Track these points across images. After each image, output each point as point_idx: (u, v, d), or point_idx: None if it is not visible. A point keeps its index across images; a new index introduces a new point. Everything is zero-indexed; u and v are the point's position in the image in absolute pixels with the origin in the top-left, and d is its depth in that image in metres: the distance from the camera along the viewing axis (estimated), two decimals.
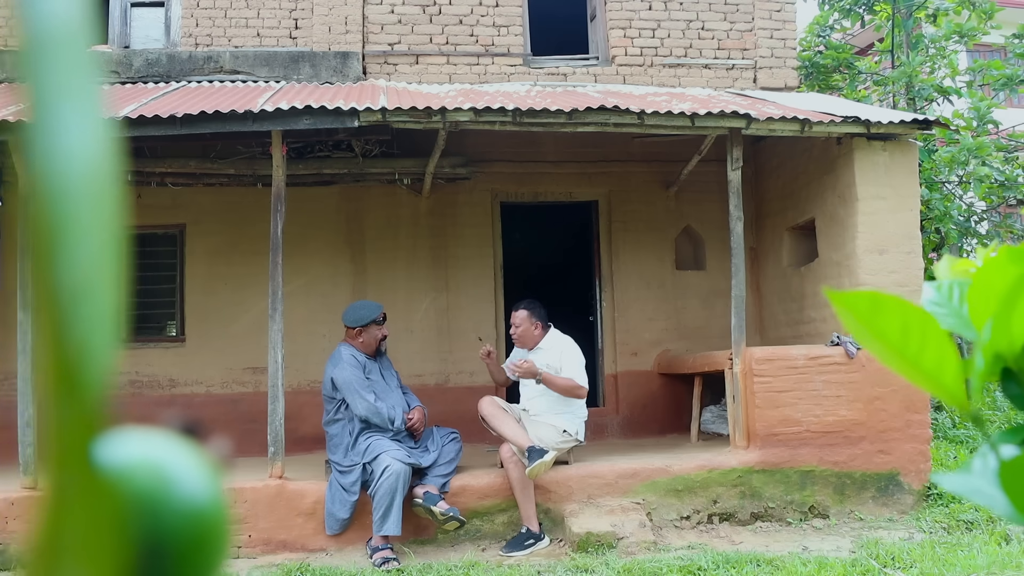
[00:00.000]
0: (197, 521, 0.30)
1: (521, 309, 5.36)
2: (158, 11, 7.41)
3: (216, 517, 0.31)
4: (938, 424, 7.17)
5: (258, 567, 4.73)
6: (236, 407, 6.84)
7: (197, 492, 0.30)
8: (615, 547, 4.78)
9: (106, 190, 0.27)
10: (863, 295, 0.48)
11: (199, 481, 0.31)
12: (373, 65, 7.38)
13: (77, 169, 0.26)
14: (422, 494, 4.86)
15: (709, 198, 7.43)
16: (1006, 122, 10.10)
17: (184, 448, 0.32)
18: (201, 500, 0.30)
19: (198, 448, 0.32)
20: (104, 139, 0.27)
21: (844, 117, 5.63)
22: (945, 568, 4.13)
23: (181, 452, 0.31)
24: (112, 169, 0.27)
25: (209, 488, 0.31)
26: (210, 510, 0.30)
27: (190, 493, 0.30)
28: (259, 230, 6.40)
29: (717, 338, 7.16)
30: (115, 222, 0.27)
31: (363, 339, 5.19)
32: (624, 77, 7.61)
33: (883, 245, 5.80)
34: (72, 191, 0.26)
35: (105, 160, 0.27)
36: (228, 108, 5.15)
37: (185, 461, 0.31)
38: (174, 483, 0.30)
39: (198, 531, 0.30)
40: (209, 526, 0.30)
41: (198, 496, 0.30)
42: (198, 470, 0.31)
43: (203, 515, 0.30)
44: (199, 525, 0.30)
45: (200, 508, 0.30)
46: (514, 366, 5.05)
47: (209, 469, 0.32)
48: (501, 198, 7.48)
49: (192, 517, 0.30)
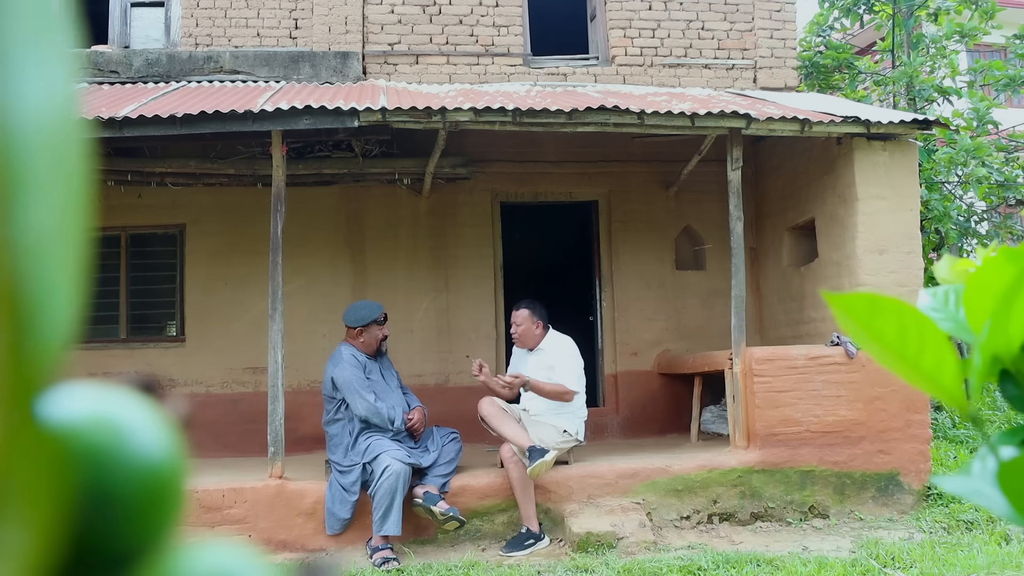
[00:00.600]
0: (150, 477, 0.29)
1: (522, 308, 5.36)
2: (158, 11, 7.41)
3: (170, 475, 0.30)
4: (938, 424, 7.17)
5: None
6: (236, 407, 6.84)
7: (150, 448, 0.30)
8: (615, 547, 4.78)
9: (69, 142, 0.26)
10: (860, 297, 0.48)
11: (153, 437, 0.30)
12: (373, 65, 7.38)
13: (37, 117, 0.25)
14: (422, 494, 4.86)
15: (709, 198, 7.43)
16: (1007, 122, 10.10)
17: (140, 404, 0.31)
18: (155, 456, 0.30)
19: (155, 406, 0.32)
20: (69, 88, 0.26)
21: (844, 117, 5.63)
22: (945, 568, 4.13)
23: (136, 408, 0.31)
24: (76, 121, 0.27)
25: (163, 445, 0.30)
26: (164, 467, 0.30)
27: (143, 449, 0.30)
28: (259, 230, 6.41)
29: (717, 338, 7.16)
30: (78, 176, 0.26)
31: (364, 339, 5.19)
32: (624, 77, 7.61)
33: (883, 245, 5.80)
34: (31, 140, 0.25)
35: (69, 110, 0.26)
36: (228, 108, 5.15)
37: (140, 417, 0.30)
38: (127, 438, 0.29)
39: (150, 487, 0.29)
40: (162, 483, 0.30)
41: (151, 452, 0.30)
42: (153, 427, 0.30)
43: (156, 472, 0.30)
44: (152, 481, 0.29)
45: (153, 465, 0.30)
46: (503, 381, 5.04)
47: (165, 426, 0.31)
48: (501, 198, 7.49)
49: (144, 473, 0.29)
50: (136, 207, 6.97)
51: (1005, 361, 0.52)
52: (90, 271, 0.27)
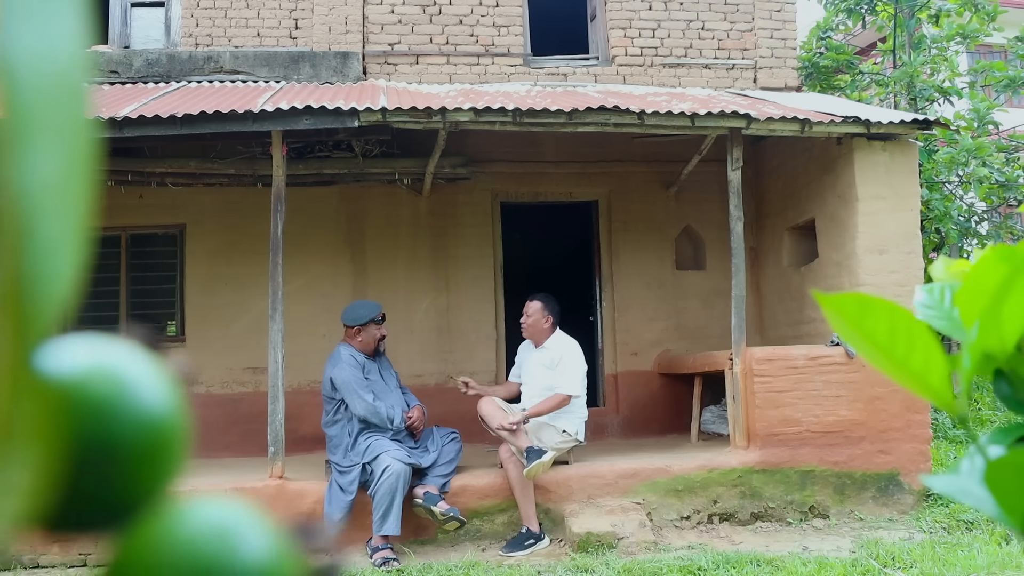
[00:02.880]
0: (150, 429, 0.29)
1: (536, 300, 5.35)
2: (158, 11, 7.41)
3: (170, 428, 0.30)
4: (938, 424, 7.17)
5: None
6: (236, 407, 6.84)
7: (151, 401, 0.30)
8: (615, 547, 4.78)
9: (75, 91, 0.26)
10: (851, 297, 0.48)
11: (156, 390, 0.30)
12: (373, 65, 7.38)
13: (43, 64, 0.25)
14: (422, 494, 4.86)
15: (709, 198, 7.43)
16: (1008, 123, 10.09)
17: (143, 358, 0.31)
18: (155, 409, 0.30)
19: (158, 360, 0.32)
20: (76, 36, 0.26)
21: (844, 117, 5.63)
22: (945, 568, 4.13)
23: (139, 361, 0.31)
24: (83, 70, 0.27)
25: (165, 398, 0.30)
26: (164, 420, 0.30)
27: (144, 401, 0.30)
28: (259, 230, 6.41)
29: (717, 338, 7.16)
30: (84, 125, 0.26)
31: (361, 338, 5.19)
32: (624, 77, 7.61)
33: (883, 245, 5.80)
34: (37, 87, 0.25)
35: (75, 59, 0.26)
36: (228, 108, 5.15)
37: (143, 370, 0.31)
38: (128, 390, 0.30)
39: (151, 440, 0.29)
40: (163, 436, 0.30)
41: (152, 405, 0.30)
42: (155, 380, 0.31)
43: (157, 424, 0.30)
44: (152, 434, 0.30)
45: (154, 417, 0.30)
46: (501, 427, 4.99)
47: (168, 380, 0.31)
48: (501, 198, 7.49)
49: (145, 425, 0.29)
50: (136, 207, 6.97)
51: (999, 360, 0.52)
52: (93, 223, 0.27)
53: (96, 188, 0.27)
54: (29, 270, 0.24)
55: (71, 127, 0.26)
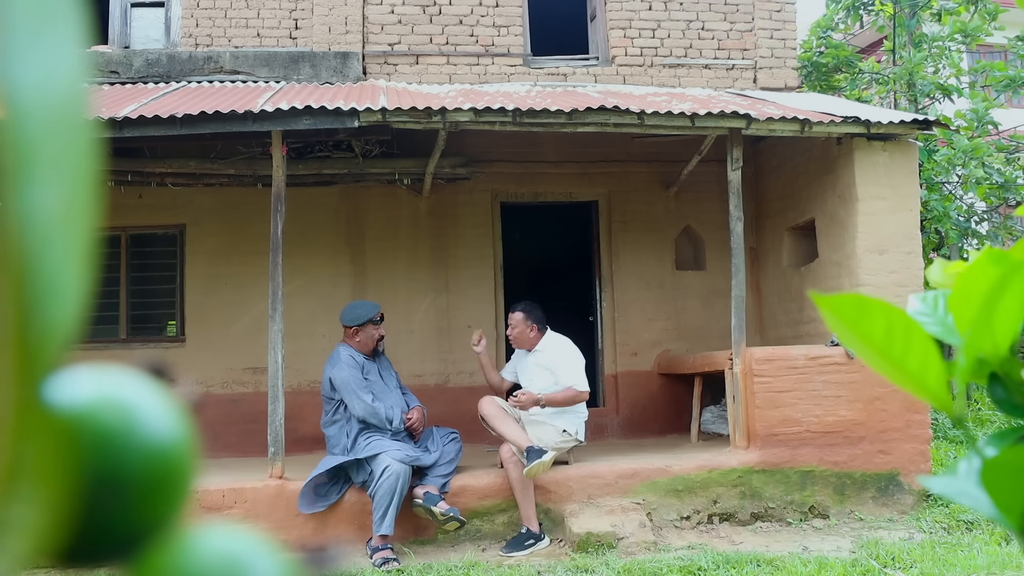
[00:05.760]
0: (158, 460, 0.30)
1: (517, 311, 5.37)
2: (158, 11, 7.41)
3: (179, 458, 0.30)
4: (938, 424, 7.17)
5: None
6: (236, 407, 6.84)
7: (159, 432, 0.30)
8: (615, 547, 4.78)
9: (77, 123, 0.26)
10: (847, 298, 0.48)
11: (163, 421, 0.30)
12: (373, 65, 7.38)
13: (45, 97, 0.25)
14: (422, 494, 4.86)
15: (709, 198, 7.43)
16: (1008, 123, 10.09)
17: (150, 388, 0.31)
18: (164, 440, 0.30)
19: (165, 389, 0.32)
20: (77, 68, 0.26)
21: (844, 117, 5.63)
22: (945, 568, 4.13)
23: (147, 391, 0.31)
24: (84, 101, 0.27)
25: (173, 429, 0.31)
26: (173, 451, 0.30)
27: (152, 432, 0.30)
28: (259, 230, 6.41)
29: (717, 338, 7.16)
30: (86, 157, 0.26)
31: (360, 338, 5.19)
32: (624, 77, 7.61)
33: (883, 245, 5.80)
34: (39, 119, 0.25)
35: (77, 89, 0.26)
36: (228, 108, 5.15)
37: (150, 400, 0.31)
38: (136, 421, 0.30)
39: (159, 471, 0.30)
40: (171, 466, 0.30)
41: (160, 436, 0.30)
42: (163, 410, 0.31)
43: (165, 455, 0.30)
44: (160, 465, 0.30)
45: (162, 448, 0.30)
46: (513, 400, 5.05)
47: (175, 410, 0.31)
48: (501, 198, 7.49)
49: (153, 456, 0.30)
50: (136, 207, 6.97)
51: (993, 364, 0.52)
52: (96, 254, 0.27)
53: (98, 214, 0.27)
54: (34, 303, 0.24)
55: (73, 158, 0.26)
